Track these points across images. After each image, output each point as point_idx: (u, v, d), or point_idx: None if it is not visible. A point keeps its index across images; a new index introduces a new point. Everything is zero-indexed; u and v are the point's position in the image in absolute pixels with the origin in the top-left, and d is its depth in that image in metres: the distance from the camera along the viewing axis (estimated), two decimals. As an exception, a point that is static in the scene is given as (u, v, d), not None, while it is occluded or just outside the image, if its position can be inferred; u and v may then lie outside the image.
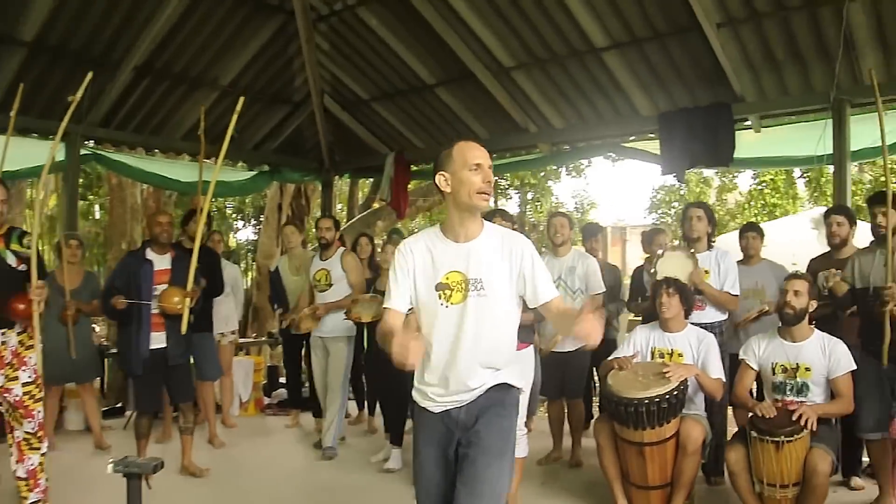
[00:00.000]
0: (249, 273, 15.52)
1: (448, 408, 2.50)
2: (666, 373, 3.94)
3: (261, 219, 13.53)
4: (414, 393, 2.61)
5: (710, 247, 4.87)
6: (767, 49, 5.78)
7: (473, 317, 2.43)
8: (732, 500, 4.16)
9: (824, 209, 6.26)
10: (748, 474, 3.84)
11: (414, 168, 8.67)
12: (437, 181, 2.46)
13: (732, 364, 4.41)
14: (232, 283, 6.44)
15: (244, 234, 20.43)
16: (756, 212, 17.25)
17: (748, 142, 6.34)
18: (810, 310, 4.00)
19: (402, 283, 2.51)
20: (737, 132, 6.15)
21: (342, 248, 5.76)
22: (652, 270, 4.77)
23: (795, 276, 4.11)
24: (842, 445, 4.03)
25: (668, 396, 3.83)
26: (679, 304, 4.30)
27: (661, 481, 4.04)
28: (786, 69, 5.90)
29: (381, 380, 5.36)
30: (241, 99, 5.06)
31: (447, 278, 2.45)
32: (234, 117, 4.90)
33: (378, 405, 6.14)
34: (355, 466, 5.37)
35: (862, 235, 4.87)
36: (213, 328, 5.99)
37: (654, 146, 6.66)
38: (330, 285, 5.57)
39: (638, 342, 4.41)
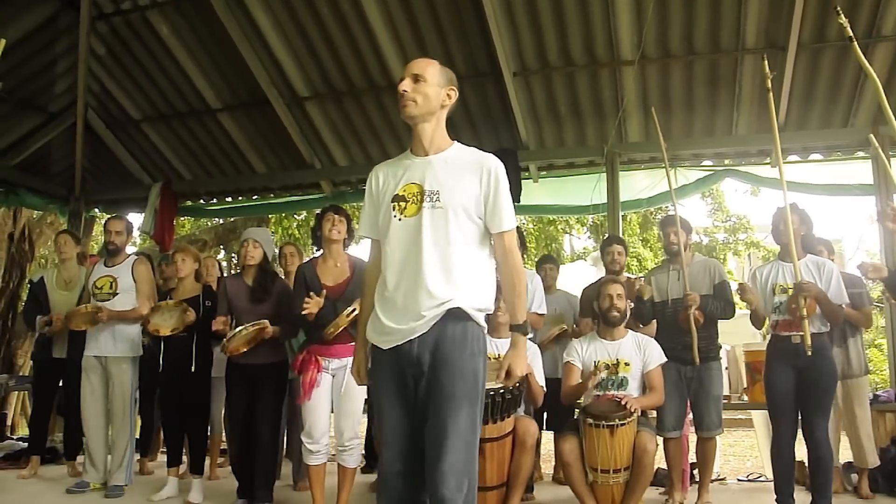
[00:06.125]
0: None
1: (399, 342, 2.31)
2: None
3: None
4: (367, 328, 2.46)
5: None
6: (552, 101, 6.40)
7: (426, 230, 2.33)
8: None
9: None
10: (581, 464, 3.96)
11: (181, 205, 8.01)
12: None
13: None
14: None
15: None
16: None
17: (529, 190, 6.86)
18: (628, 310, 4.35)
19: (366, 209, 2.52)
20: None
21: (134, 257, 5.16)
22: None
23: (612, 280, 4.44)
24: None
25: (511, 388, 3.84)
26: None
27: (499, 481, 3.99)
28: (565, 122, 6.56)
29: (181, 404, 4.71)
30: None
31: (404, 190, 2.40)
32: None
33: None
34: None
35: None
36: None
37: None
38: (114, 294, 4.86)
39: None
